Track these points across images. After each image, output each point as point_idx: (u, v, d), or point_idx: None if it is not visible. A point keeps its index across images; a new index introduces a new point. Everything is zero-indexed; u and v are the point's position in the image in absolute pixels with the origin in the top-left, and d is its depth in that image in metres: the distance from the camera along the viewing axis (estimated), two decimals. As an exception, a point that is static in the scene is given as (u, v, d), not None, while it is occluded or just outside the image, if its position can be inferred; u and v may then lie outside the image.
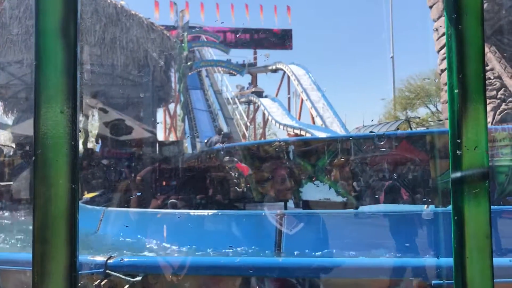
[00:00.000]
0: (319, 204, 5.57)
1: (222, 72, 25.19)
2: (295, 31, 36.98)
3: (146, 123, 12.09)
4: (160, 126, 20.29)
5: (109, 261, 2.02)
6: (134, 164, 9.40)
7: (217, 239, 3.90)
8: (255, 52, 29.27)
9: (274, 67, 26.00)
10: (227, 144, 8.30)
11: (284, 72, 25.02)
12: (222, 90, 24.43)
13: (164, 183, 6.76)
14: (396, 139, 5.34)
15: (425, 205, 5.09)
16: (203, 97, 23.17)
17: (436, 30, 9.46)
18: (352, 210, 5.18)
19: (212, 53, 27.04)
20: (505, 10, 8.64)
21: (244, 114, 23.77)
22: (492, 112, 8.17)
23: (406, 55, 46.59)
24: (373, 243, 3.44)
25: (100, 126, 11.62)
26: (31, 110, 0.90)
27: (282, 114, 20.70)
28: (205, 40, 25.75)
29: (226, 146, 7.50)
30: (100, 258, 2.04)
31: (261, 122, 25.74)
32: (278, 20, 30.52)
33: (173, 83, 14.75)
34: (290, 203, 6.09)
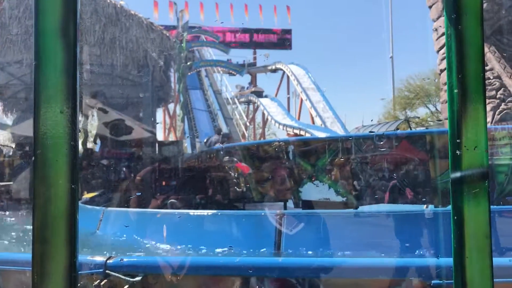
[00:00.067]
0: (319, 204, 5.57)
1: (222, 72, 25.19)
2: (295, 31, 37.03)
3: (146, 123, 12.08)
4: (160, 126, 20.28)
5: (109, 261, 2.02)
6: (134, 164, 9.39)
7: (217, 239, 3.90)
8: (255, 52, 29.28)
9: (274, 67, 25.99)
10: (227, 144, 8.30)
11: (284, 72, 25.01)
12: (222, 90, 24.43)
13: (164, 183, 6.76)
14: (396, 139, 5.34)
15: (425, 205, 5.09)
16: (203, 97, 23.15)
17: (436, 30, 9.46)
18: (352, 210, 5.19)
19: (212, 53, 27.04)
20: (505, 10, 8.65)
21: (244, 114, 23.77)
22: (492, 112, 8.18)
23: (406, 55, 46.59)
24: (373, 243, 3.44)
25: (99, 126, 11.62)
26: (31, 110, 0.90)
27: (282, 114, 20.69)
28: (205, 40, 25.73)
29: (226, 146, 7.50)
30: (100, 258, 2.04)
31: (261, 122, 25.76)
32: (278, 20, 30.57)
33: (173, 83, 14.76)
34: (290, 203, 6.10)
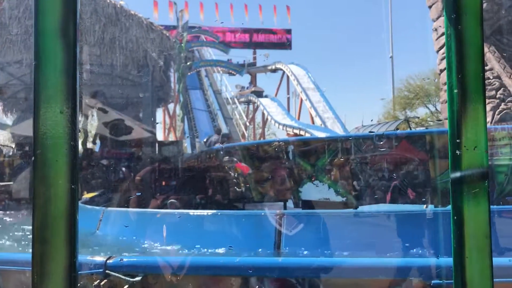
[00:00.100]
0: (319, 204, 5.57)
1: (222, 72, 25.19)
2: (295, 31, 37.05)
3: (146, 123, 12.08)
4: (160, 126, 20.28)
5: (109, 261, 2.01)
6: (134, 164, 9.39)
7: (217, 239, 3.90)
8: (255, 52, 29.28)
9: (274, 67, 26.00)
10: (227, 144, 8.30)
11: (284, 72, 25.02)
12: (222, 90, 24.43)
13: (164, 183, 6.76)
14: (396, 139, 5.34)
15: (425, 205, 5.09)
16: (203, 97, 23.14)
17: (436, 30, 9.46)
18: (352, 210, 5.18)
19: (212, 53, 27.04)
20: (505, 10, 8.65)
21: (244, 114, 23.77)
22: (492, 112, 8.18)
23: (406, 55, 46.59)
24: (373, 243, 3.44)
25: (98, 126, 11.62)
26: (31, 110, 0.90)
27: (282, 114, 20.70)
28: (205, 40, 25.74)
29: (226, 146, 7.50)
30: (100, 258, 2.04)
31: (261, 122, 25.76)
32: (278, 20, 30.58)
33: (173, 83, 14.76)
34: (290, 203, 6.10)
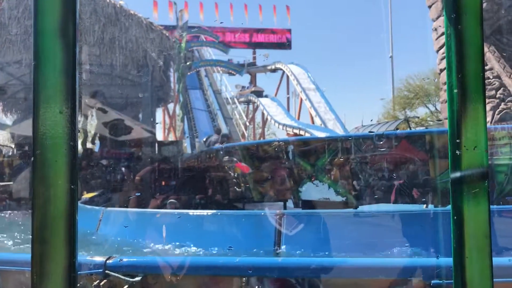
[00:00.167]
0: (319, 204, 5.57)
1: (221, 72, 25.20)
2: (294, 31, 37.04)
3: (145, 123, 12.09)
4: (159, 126, 20.26)
5: (108, 261, 2.01)
6: (133, 164, 9.39)
7: (217, 239, 3.90)
8: (254, 52, 29.25)
9: (273, 67, 25.99)
10: (227, 144, 8.29)
11: (283, 72, 25.00)
12: (221, 90, 24.43)
13: (163, 183, 6.76)
14: (396, 139, 5.34)
15: (424, 205, 5.10)
16: (202, 97, 23.15)
17: (435, 30, 9.46)
18: (352, 210, 5.19)
19: (211, 53, 27.04)
20: (504, 10, 8.65)
21: (243, 114, 23.77)
22: (491, 112, 8.18)
23: (405, 55, 46.47)
24: (373, 243, 3.44)
25: (97, 126, 11.62)
26: (30, 110, 0.89)
27: (281, 114, 20.69)
28: (204, 40, 25.73)
29: (226, 146, 7.49)
30: (99, 259, 2.04)
31: (260, 122, 25.76)
32: (277, 20, 30.56)
33: (172, 83, 14.76)
34: (290, 203, 6.10)
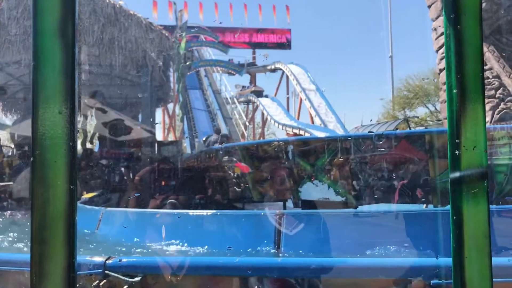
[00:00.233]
0: (318, 204, 5.57)
1: (221, 72, 25.19)
2: (294, 31, 37.06)
3: (145, 123, 12.09)
4: (159, 126, 20.25)
5: (108, 262, 2.01)
6: (133, 164, 9.39)
7: (216, 239, 3.90)
8: (254, 52, 29.25)
9: (273, 67, 25.98)
10: (226, 144, 8.29)
11: (283, 72, 25.00)
12: (221, 90, 24.43)
13: (163, 183, 6.76)
14: (395, 139, 5.34)
15: (424, 205, 5.10)
16: (202, 97, 23.14)
17: (435, 30, 9.46)
18: (351, 210, 5.19)
19: (211, 53, 27.05)
20: (504, 10, 8.65)
21: (243, 114, 23.76)
22: (491, 112, 8.18)
23: (405, 54, 46.49)
24: (372, 243, 3.44)
25: (96, 126, 11.61)
26: (30, 111, 0.89)
27: (281, 114, 20.69)
28: (204, 40, 25.73)
29: (225, 146, 7.49)
30: (99, 259, 2.04)
31: (260, 122, 25.75)
32: (277, 20, 30.56)
33: (172, 83, 14.76)
34: (289, 203, 6.10)
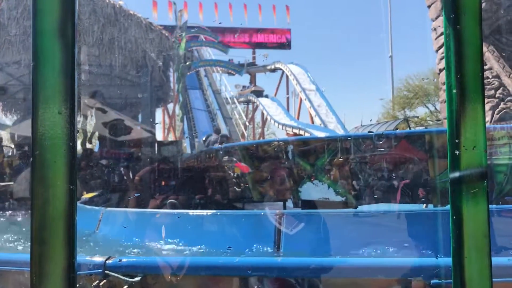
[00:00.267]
0: (318, 204, 5.57)
1: (221, 72, 25.20)
2: (294, 31, 37.07)
3: (145, 123, 12.08)
4: (159, 126, 20.25)
5: (108, 262, 2.01)
6: (133, 164, 9.38)
7: (216, 239, 3.90)
8: (254, 52, 29.25)
9: (273, 67, 25.98)
10: (226, 144, 8.29)
11: (283, 72, 25.00)
12: (221, 90, 24.43)
13: (163, 183, 6.76)
14: (395, 139, 5.34)
15: (424, 205, 5.10)
16: (202, 97, 23.14)
17: (435, 30, 9.47)
18: (351, 210, 5.18)
19: (211, 53, 27.05)
20: (503, 10, 8.65)
21: (243, 114, 23.77)
22: (491, 112, 8.18)
23: (405, 54, 46.54)
24: (372, 243, 3.44)
25: (95, 126, 11.61)
26: (30, 111, 0.89)
27: (281, 114, 20.70)
28: (204, 40, 25.74)
29: (225, 146, 7.49)
30: (99, 259, 2.04)
31: (260, 122, 25.76)
32: (277, 20, 30.56)
33: (172, 83, 14.76)
34: (289, 203, 6.10)
